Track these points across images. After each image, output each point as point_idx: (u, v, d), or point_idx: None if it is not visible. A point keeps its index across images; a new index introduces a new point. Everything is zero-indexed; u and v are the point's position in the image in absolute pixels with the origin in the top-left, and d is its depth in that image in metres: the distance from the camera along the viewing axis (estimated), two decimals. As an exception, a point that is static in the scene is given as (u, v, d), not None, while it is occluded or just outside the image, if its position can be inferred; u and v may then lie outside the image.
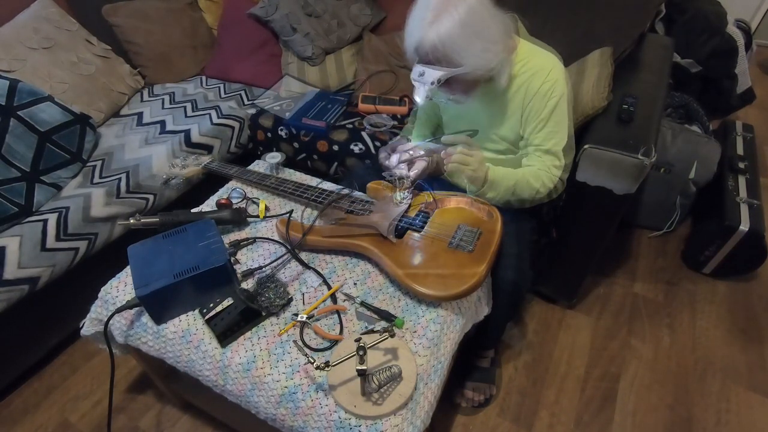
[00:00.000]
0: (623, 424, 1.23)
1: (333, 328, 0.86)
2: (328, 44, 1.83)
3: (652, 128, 1.18)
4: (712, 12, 1.90)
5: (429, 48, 0.86)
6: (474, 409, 1.27)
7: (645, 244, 1.78)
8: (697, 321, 1.50)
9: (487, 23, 0.88)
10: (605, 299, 1.56)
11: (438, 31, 0.84)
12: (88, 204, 1.29)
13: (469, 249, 0.90)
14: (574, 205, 1.26)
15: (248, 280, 0.95)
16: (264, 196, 1.19)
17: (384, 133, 1.54)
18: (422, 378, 0.79)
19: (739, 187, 1.63)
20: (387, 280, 0.94)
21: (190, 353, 0.87)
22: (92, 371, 1.38)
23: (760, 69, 2.98)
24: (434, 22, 0.85)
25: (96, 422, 1.26)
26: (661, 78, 1.43)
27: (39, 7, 1.60)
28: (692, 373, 1.35)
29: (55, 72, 1.53)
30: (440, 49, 0.86)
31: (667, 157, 1.61)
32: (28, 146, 1.30)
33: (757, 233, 1.48)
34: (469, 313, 0.96)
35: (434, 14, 0.85)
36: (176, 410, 1.27)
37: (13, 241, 1.16)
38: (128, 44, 1.78)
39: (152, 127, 1.60)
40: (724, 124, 2.00)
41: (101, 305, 0.97)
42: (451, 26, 0.84)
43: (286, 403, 0.78)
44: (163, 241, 0.92)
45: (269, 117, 1.67)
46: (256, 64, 1.85)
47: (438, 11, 0.85)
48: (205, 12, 1.98)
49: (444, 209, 1.02)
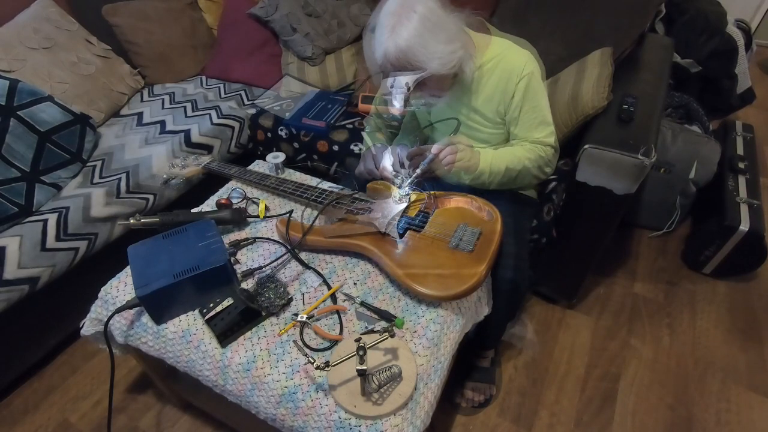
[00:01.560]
0: (623, 424, 1.23)
1: (333, 328, 0.86)
2: (328, 44, 1.83)
3: (652, 128, 1.18)
4: (712, 12, 1.90)
5: (393, 58, 0.91)
6: (474, 409, 1.27)
7: (645, 244, 1.78)
8: (697, 321, 1.50)
9: (441, 25, 0.92)
10: (605, 299, 1.56)
11: (396, 41, 0.89)
12: (88, 204, 1.29)
13: (469, 249, 0.90)
14: (574, 205, 1.26)
15: (248, 280, 0.95)
16: (264, 196, 1.19)
17: (384, 133, 1.54)
18: (422, 378, 0.79)
19: (739, 187, 1.63)
20: (387, 280, 0.94)
21: (190, 353, 0.87)
22: (92, 371, 1.38)
23: (760, 69, 2.98)
24: (392, 33, 0.89)
25: (96, 422, 1.26)
26: (661, 78, 1.43)
27: (39, 7, 1.60)
28: (692, 373, 1.35)
29: (55, 72, 1.53)
30: (402, 57, 0.90)
31: (667, 157, 1.61)
32: (28, 146, 1.30)
33: (757, 233, 1.48)
34: (469, 313, 0.96)
35: (390, 26, 0.89)
36: (176, 410, 1.27)
37: (13, 241, 1.16)
38: (128, 44, 1.78)
39: (152, 127, 1.60)
40: (724, 124, 2.00)
41: (101, 305, 0.97)
42: (408, 34, 0.88)
43: (286, 403, 0.78)
44: (163, 241, 0.92)
45: (269, 117, 1.67)
46: (256, 64, 1.85)
47: (393, 22, 0.89)
48: (205, 12, 1.98)
49: (444, 209, 1.02)
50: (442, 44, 0.91)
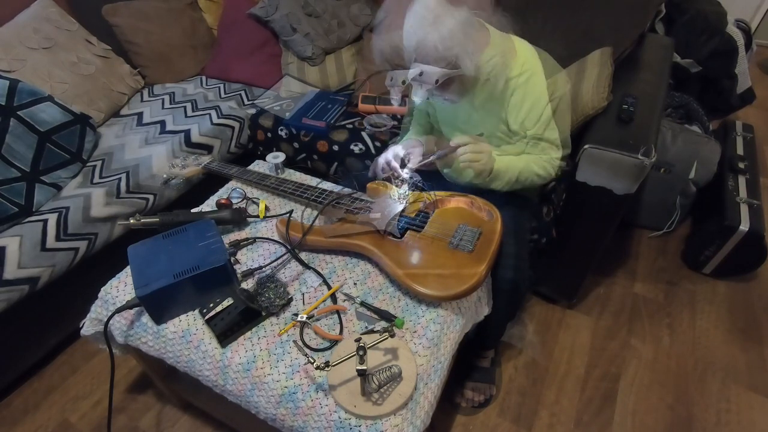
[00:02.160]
0: (623, 424, 1.23)
1: (333, 328, 0.86)
2: (328, 44, 1.83)
3: (652, 128, 1.18)
4: (712, 12, 1.90)
5: (430, 48, 0.87)
6: (474, 409, 1.27)
7: (645, 244, 1.78)
8: (697, 321, 1.50)
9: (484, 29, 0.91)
10: (605, 299, 1.56)
11: (440, 31, 0.86)
12: (88, 204, 1.29)
13: (469, 249, 0.90)
14: (574, 205, 1.26)
15: (248, 280, 0.95)
16: (264, 196, 1.19)
17: (384, 133, 1.54)
18: (422, 378, 0.79)
19: (739, 187, 1.63)
20: (387, 280, 0.94)
21: (190, 353, 0.87)
22: (92, 371, 1.38)
23: (760, 69, 2.98)
24: (435, 22, 0.86)
25: (96, 422, 1.26)
26: (661, 78, 1.43)
27: (39, 7, 1.60)
28: (692, 372, 1.35)
29: (55, 72, 1.53)
30: (440, 50, 0.87)
31: (667, 157, 1.61)
32: (28, 146, 1.30)
33: (757, 233, 1.48)
34: (469, 313, 0.96)
35: (435, 15, 0.86)
36: (176, 410, 1.27)
37: (13, 241, 1.16)
38: (128, 44, 1.78)
39: (152, 127, 1.60)
40: (724, 124, 2.00)
41: (101, 305, 0.97)
42: (451, 27, 0.85)
43: (286, 403, 0.78)
44: (163, 241, 0.92)
45: (269, 117, 1.67)
46: (256, 64, 1.85)
47: (438, 12, 0.86)
48: (205, 12, 1.98)
49: (444, 209, 1.02)
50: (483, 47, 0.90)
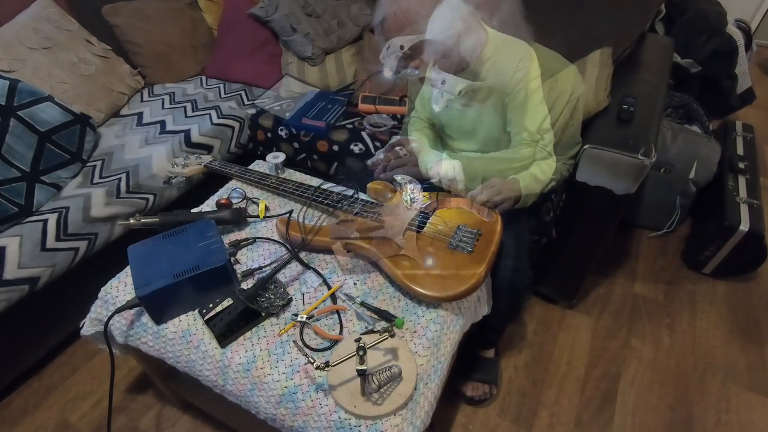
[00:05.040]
0: (623, 424, 1.23)
1: (333, 328, 0.86)
2: (328, 44, 1.82)
3: (652, 128, 1.18)
4: (712, 12, 1.90)
5: (391, 18, 0.89)
6: (474, 408, 1.27)
7: (645, 244, 1.78)
8: (697, 321, 1.50)
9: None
10: (605, 299, 1.56)
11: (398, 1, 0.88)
12: (88, 204, 1.29)
13: (468, 250, 0.90)
14: (574, 205, 1.26)
15: (248, 280, 0.95)
16: (264, 196, 1.19)
17: (384, 133, 1.54)
18: (422, 378, 0.79)
19: (739, 187, 1.63)
20: (387, 280, 0.94)
21: (190, 353, 0.87)
22: (92, 371, 1.38)
23: (760, 69, 2.98)
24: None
25: (96, 422, 1.26)
26: (661, 78, 1.43)
27: (39, 7, 1.60)
28: (692, 373, 1.35)
29: (55, 72, 1.53)
30: (400, 17, 0.89)
31: (667, 157, 1.61)
32: (28, 146, 1.30)
33: (757, 233, 1.48)
34: (469, 313, 0.96)
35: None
36: (176, 410, 1.27)
37: (13, 241, 1.16)
38: (128, 44, 1.78)
39: (152, 127, 1.60)
40: (724, 124, 2.00)
41: (101, 305, 0.97)
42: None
43: (286, 403, 0.78)
44: (163, 241, 0.92)
45: (269, 117, 1.67)
46: (256, 64, 1.85)
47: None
48: (205, 12, 1.98)
49: (444, 210, 1.02)
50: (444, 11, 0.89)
